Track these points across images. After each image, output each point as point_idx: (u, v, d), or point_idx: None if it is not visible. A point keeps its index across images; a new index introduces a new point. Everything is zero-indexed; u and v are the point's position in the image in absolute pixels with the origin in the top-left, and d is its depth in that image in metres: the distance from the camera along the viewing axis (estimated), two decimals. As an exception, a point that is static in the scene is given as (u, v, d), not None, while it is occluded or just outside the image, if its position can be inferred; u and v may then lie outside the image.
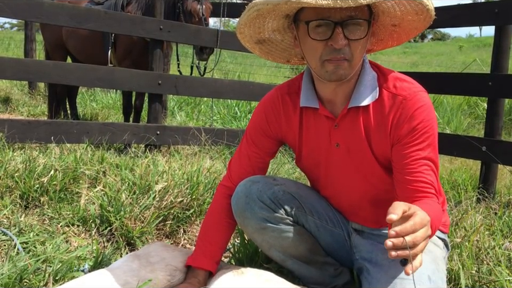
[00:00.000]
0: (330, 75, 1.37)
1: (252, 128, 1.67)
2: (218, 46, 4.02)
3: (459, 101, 7.29)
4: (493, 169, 3.09)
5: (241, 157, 1.68)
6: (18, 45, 13.12)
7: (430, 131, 1.40)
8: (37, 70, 3.31)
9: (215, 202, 1.71)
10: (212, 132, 3.90)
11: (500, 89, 2.99)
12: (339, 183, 1.59)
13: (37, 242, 1.93)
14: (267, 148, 1.66)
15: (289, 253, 1.66)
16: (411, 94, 1.41)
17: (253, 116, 1.68)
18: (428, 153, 1.39)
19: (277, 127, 1.62)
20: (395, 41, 1.55)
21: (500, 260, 1.83)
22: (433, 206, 1.33)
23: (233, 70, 11.05)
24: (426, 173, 1.38)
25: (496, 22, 3.04)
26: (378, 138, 1.45)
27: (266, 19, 1.44)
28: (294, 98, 1.58)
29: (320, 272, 1.70)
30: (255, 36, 1.52)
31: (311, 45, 1.37)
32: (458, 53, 24.82)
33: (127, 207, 2.13)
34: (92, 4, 4.54)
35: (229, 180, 1.70)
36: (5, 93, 7.13)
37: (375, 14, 1.41)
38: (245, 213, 1.59)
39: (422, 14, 1.37)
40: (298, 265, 1.69)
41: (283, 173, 3.07)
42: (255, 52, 1.61)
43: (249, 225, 1.61)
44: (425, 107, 1.40)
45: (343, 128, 1.49)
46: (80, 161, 2.65)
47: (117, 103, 6.51)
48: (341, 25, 1.31)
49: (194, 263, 1.59)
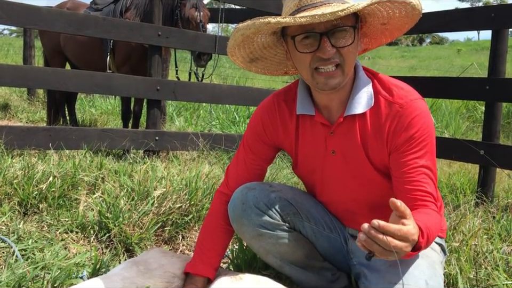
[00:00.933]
0: (322, 86, 1.39)
1: (248, 134, 1.67)
2: (217, 52, 4.03)
3: (457, 105, 7.30)
4: (491, 172, 3.09)
5: (238, 163, 1.69)
6: (17, 52, 13.13)
7: (427, 139, 1.40)
8: (36, 77, 3.31)
9: (213, 208, 1.71)
10: (210, 137, 3.91)
11: (497, 93, 3.00)
12: (335, 189, 1.60)
13: (35, 249, 1.93)
14: (264, 154, 1.67)
15: (287, 258, 1.66)
16: (408, 102, 1.41)
17: (250, 122, 1.69)
18: (425, 161, 1.40)
19: (274, 134, 1.62)
20: (388, 38, 1.56)
21: (498, 264, 1.83)
22: (432, 216, 1.33)
23: (232, 75, 11.06)
24: (424, 182, 1.39)
25: (493, 26, 3.06)
26: (375, 145, 1.46)
27: (253, 39, 1.47)
28: (290, 104, 1.58)
29: (318, 277, 1.71)
30: (247, 56, 1.55)
31: (300, 57, 1.39)
32: (456, 57, 24.85)
33: (125, 213, 2.13)
34: (90, 10, 4.55)
35: (226, 186, 1.70)
36: (4, 99, 7.14)
37: (362, 17, 1.42)
38: (241, 219, 1.59)
39: (407, 9, 1.37)
40: (295, 270, 1.69)
41: (282, 178, 3.07)
42: (251, 70, 1.62)
43: (246, 232, 1.61)
44: (422, 115, 1.40)
45: (339, 135, 1.49)
46: (79, 168, 2.65)
47: (116, 109, 6.52)
48: (327, 35, 1.32)
49: (193, 270, 1.59)
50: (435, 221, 1.32)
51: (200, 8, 4.11)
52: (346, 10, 1.26)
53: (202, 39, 3.95)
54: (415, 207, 1.36)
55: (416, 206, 1.37)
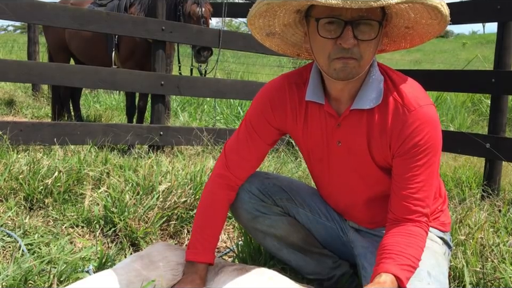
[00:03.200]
0: (338, 73, 1.34)
1: (253, 115, 1.60)
2: (221, 46, 4.02)
3: (463, 98, 7.26)
4: (497, 166, 3.07)
5: (239, 143, 1.61)
6: (21, 47, 13.17)
7: (432, 147, 1.38)
8: (40, 72, 3.32)
9: (211, 193, 1.63)
10: (214, 131, 3.91)
11: (503, 86, 2.98)
12: (339, 180, 1.59)
13: (41, 244, 1.94)
14: (268, 137, 1.60)
15: (284, 241, 1.70)
16: (416, 108, 1.38)
17: (256, 101, 1.61)
18: (426, 168, 1.39)
19: (282, 116, 1.56)
20: (408, 43, 1.51)
21: (505, 257, 1.83)
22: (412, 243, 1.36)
23: (236, 69, 11.05)
24: (422, 189, 1.39)
25: (499, 19, 3.03)
26: (379, 143, 1.45)
27: (277, 13, 1.40)
28: (301, 89, 1.53)
29: (318, 264, 1.73)
30: (265, 28, 1.48)
31: (320, 42, 1.34)
32: (461, 50, 24.73)
33: (131, 208, 2.14)
34: (94, 5, 4.55)
35: (225, 167, 1.62)
36: (9, 95, 7.15)
37: (388, 15, 1.38)
38: (235, 203, 1.66)
39: (436, 18, 1.34)
40: (294, 254, 1.72)
41: (286, 172, 3.06)
42: (265, 44, 1.56)
43: (241, 215, 1.68)
44: (428, 122, 1.38)
45: (345, 128, 1.48)
46: (84, 163, 2.66)
47: (120, 104, 6.53)
48: (351, 25, 1.28)
49: (195, 258, 1.55)
50: (415, 248, 1.35)
51: (202, 3, 4.10)
52: (379, 2, 1.21)
53: (206, 33, 3.95)
54: (404, 219, 1.39)
55: (405, 219, 1.39)
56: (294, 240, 1.70)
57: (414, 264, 1.32)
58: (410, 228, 1.38)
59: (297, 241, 1.70)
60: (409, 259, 1.31)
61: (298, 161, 3.45)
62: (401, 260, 1.30)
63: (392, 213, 1.42)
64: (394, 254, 1.31)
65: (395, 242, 1.34)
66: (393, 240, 1.35)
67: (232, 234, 2.34)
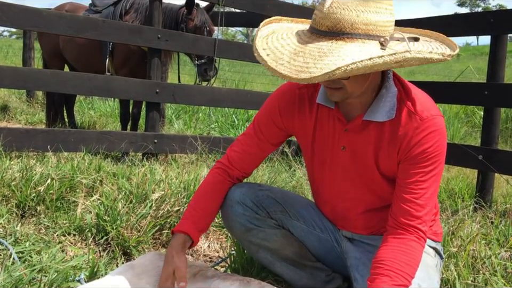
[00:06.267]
0: (331, 97, 1.42)
1: (262, 116, 1.66)
2: (216, 55, 4.03)
3: (456, 109, 7.31)
4: (490, 178, 3.10)
5: (244, 138, 1.68)
6: (17, 53, 13.12)
7: (439, 156, 1.42)
8: (35, 79, 3.31)
9: (209, 179, 1.68)
10: (208, 140, 3.91)
11: (496, 98, 3.01)
12: (340, 184, 1.60)
13: (32, 252, 1.92)
14: (274, 138, 1.66)
15: (277, 254, 1.69)
16: (428, 117, 1.42)
17: (266, 103, 1.67)
18: (431, 176, 1.42)
19: (290, 120, 1.61)
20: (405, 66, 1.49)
21: (496, 269, 1.83)
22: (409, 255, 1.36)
23: (231, 78, 11.08)
24: (424, 196, 1.41)
25: (492, 32, 3.07)
26: (386, 153, 1.47)
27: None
28: (311, 93, 1.58)
29: (311, 277, 1.72)
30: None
31: None
32: (455, 62, 24.89)
33: (123, 216, 2.13)
34: (90, 12, 4.55)
35: (226, 159, 1.69)
36: (3, 101, 7.12)
37: None
38: (228, 215, 1.65)
39: (424, 62, 1.32)
40: (287, 268, 1.71)
41: (280, 181, 3.06)
42: None
43: (234, 227, 1.66)
44: (438, 132, 1.42)
45: (352, 134, 1.50)
46: (77, 170, 2.65)
47: (115, 111, 6.51)
48: None
49: (176, 228, 1.55)
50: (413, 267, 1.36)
51: (208, 24, 4.15)
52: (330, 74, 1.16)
53: (201, 42, 3.96)
54: (404, 228, 1.40)
55: (405, 226, 1.40)
56: (288, 254, 1.69)
57: (408, 284, 1.33)
58: (410, 244, 1.38)
59: (290, 254, 1.70)
60: (406, 279, 1.32)
61: (292, 170, 3.45)
62: (398, 279, 1.31)
63: (393, 218, 1.43)
64: (392, 272, 1.32)
65: (394, 259, 1.35)
66: (392, 256, 1.35)
67: (225, 244, 2.33)
